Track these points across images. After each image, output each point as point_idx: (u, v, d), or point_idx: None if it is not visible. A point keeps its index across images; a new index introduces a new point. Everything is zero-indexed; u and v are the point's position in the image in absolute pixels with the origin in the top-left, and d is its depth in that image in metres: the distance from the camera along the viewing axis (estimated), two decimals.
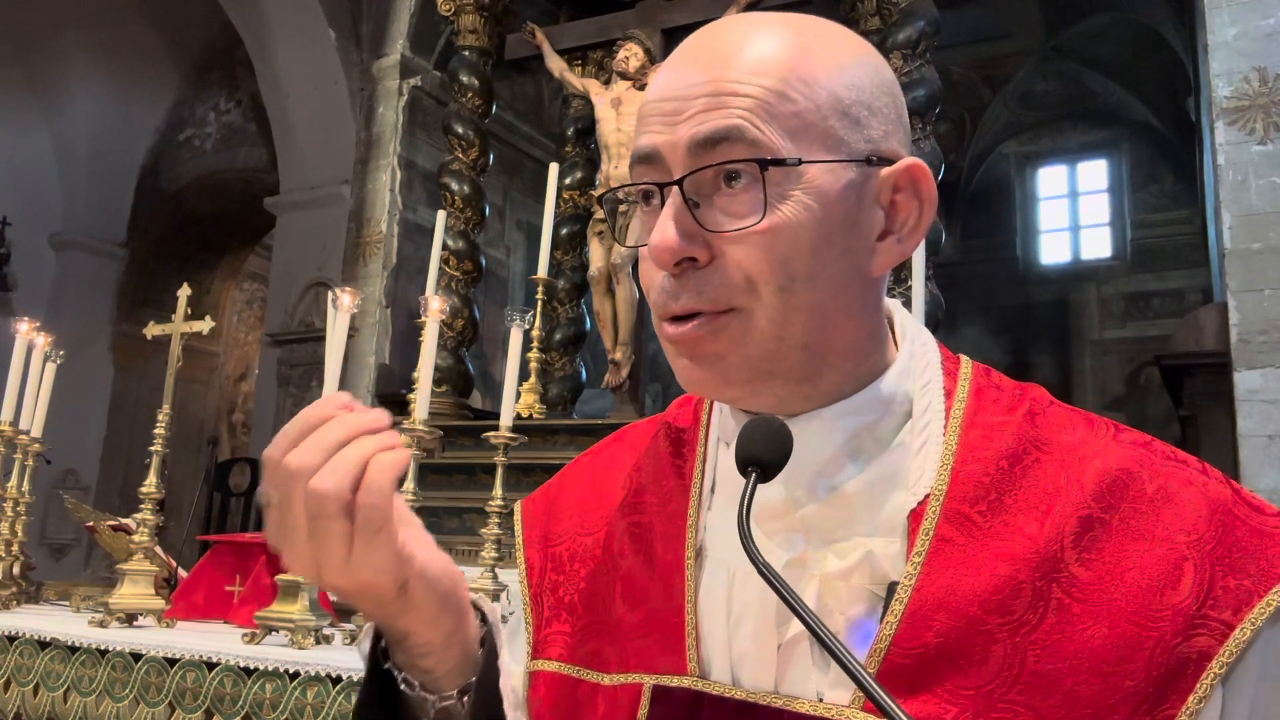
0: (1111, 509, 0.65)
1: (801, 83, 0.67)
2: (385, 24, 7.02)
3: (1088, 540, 0.64)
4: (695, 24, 4.60)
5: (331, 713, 2.09)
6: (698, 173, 0.67)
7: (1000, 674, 0.62)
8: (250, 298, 11.84)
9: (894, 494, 0.70)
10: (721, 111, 0.67)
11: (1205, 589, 0.62)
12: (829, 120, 0.68)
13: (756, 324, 0.67)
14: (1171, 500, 0.65)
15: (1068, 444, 0.69)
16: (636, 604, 0.76)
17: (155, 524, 2.80)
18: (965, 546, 0.66)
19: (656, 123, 0.70)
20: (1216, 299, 4.99)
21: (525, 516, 0.89)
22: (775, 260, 0.66)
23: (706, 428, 0.81)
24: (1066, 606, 0.63)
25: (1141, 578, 0.63)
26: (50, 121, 9.38)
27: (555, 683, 0.78)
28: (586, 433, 4.18)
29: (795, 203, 0.66)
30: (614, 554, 0.80)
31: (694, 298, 0.67)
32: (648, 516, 0.79)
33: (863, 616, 0.67)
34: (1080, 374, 10.86)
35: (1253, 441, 4.35)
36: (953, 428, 0.71)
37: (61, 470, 8.65)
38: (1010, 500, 0.67)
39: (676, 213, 0.67)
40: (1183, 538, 0.63)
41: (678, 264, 0.67)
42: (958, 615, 0.64)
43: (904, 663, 0.64)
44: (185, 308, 3.01)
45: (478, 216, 5.33)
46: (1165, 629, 0.61)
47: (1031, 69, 10.28)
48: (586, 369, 5.67)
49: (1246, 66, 4.62)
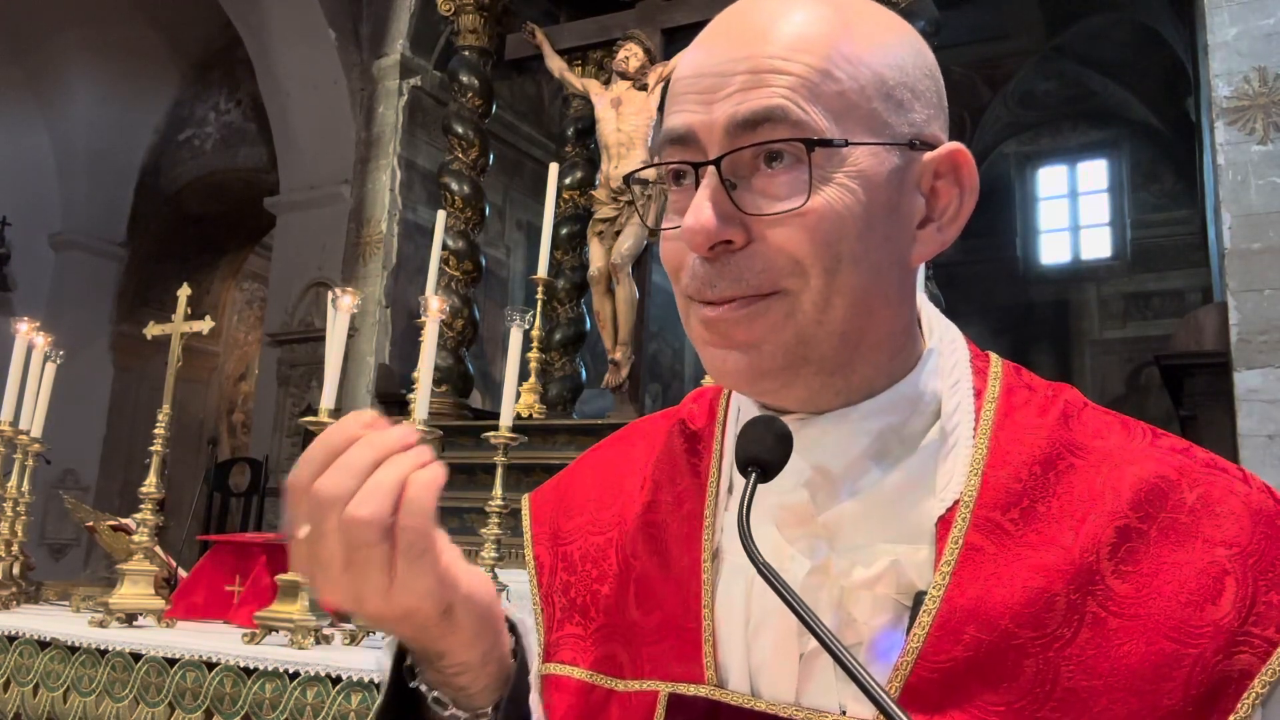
0: (1149, 519, 0.63)
1: (845, 61, 0.65)
2: (385, 24, 7.01)
3: (1125, 551, 0.62)
4: (695, 24, 4.62)
5: (331, 713, 2.09)
6: (736, 153, 0.64)
7: (1032, 691, 0.59)
8: (250, 298, 11.84)
9: (921, 499, 0.67)
10: (763, 90, 0.64)
11: (1248, 604, 0.59)
12: (873, 102, 0.65)
13: (801, 307, 0.64)
14: (1212, 510, 0.63)
15: (1103, 449, 0.67)
16: (651, 607, 0.73)
17: (155, 524, 2.80)
18: (996, 556, 0.63)
19: (691, 101, 0.66)
20: (1216, 299, 4.98)
21: (534, 512, 0.86)
22: (820, 243, 0.63)
23: (723, 425, 0.78)
24: (1102, 621, 0.60)
25: (1180, 591, 0.60)
26: (50, 121, 9.37)
27: (569, 688, 0.75)
28: (586, 433, 4.18)
29: (838, 186, 0.64)
30: (628, 554, 0.77)
31: (733, 284, 0.65)
32: (662, 515, 0.76)
33: (888, 627, 0.65)
34: (1080, 374, 10.86)
35: (1253, 441, 4.35)
36: (983, 430, 0.68)
37: (61, 470, 8.64)
38: (1043, 508, 0.65)
39: (714, 194, 0.64)
40: (1224, 550, 0.61)
41: (712, 247, 0.64)
42: (988, 628, 0.61)
43: (931, 677, 0.61)
44: (185, 308, 3.01)
45: (478, 216, 5.33)
46: (1205, 646, 0.58)
47: (1031, 69, 10.28)
48: (586, 369, 5.67)
49: (1246, 66, 4.62)
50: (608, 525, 0.80)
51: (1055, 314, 11.08)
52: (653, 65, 4.49)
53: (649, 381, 8.49)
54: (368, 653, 2.31)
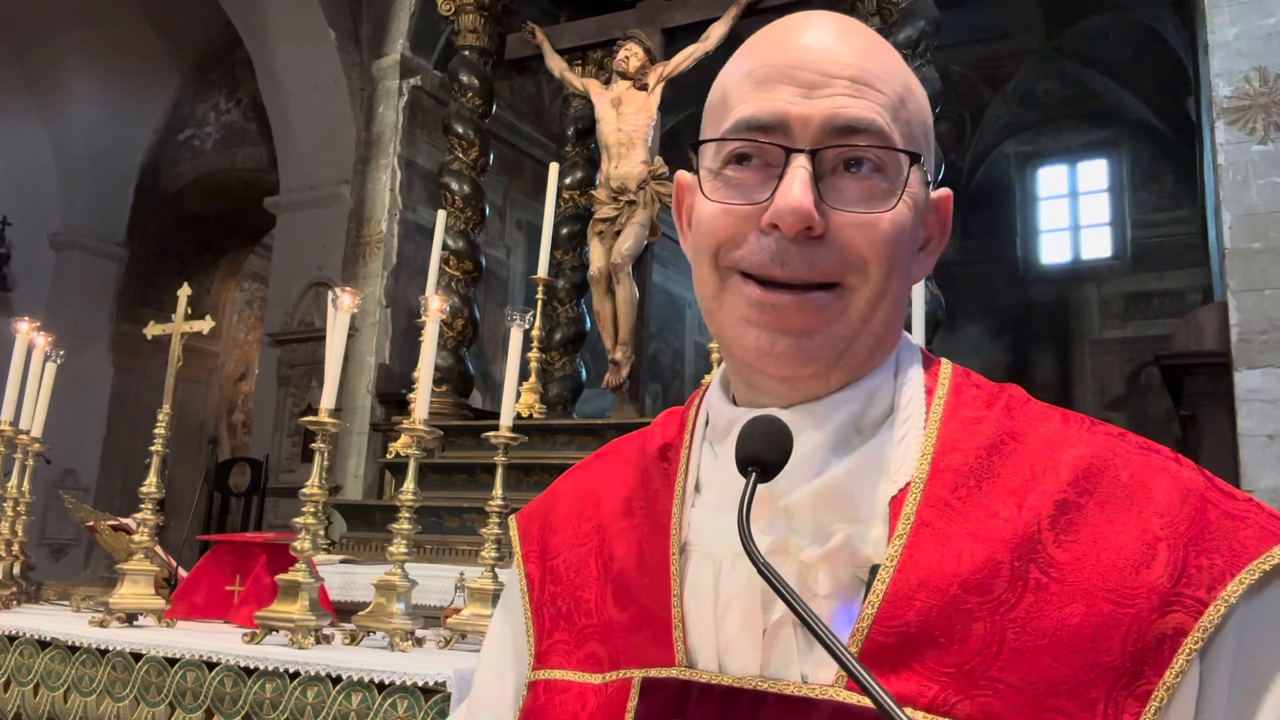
0: (1087, 493, 0.67)
1: (913, 97, 0.74)
2: (385, 24, 7.02)
3: (1064, 523, 0.66)
4: (695, 24, 4.63)
5: (331, 713, 2.10)
6: (829, 150, 0.70)
7: (981, 652, 0.63)
8: (250, 298, 11.84)
9: (875, 482, 0.72)
10: (865, 102, 0.70)
11: (1179, 569, 0.63)
12: (920, 137, 0.74)
13: (855, 304, 0.71)
14: (1145, 485, 0.67)
15: (1044, 435, 0.72)
16: (627, 603, 0.77)
17: (155, 524, 2.80)
18: (945, 530, 0.68)
19: (787, 90, 0.71)
20: (1217, 299, 4.99)
21: (522, 532, 0.90)
22: (888, 247, 0.70)
23: (691, 432, 0.82)
24: (1045, 586, 0.64)
25: (1117, 557, 0.64)
26: (50, 121, 9.38)
27: (553, 688, 0.79)
28: (586, 433, 4.18)
29: (905, 201, 0.71)
30: (605, 559, 0.81)
31: (804, 266, 0.69)
32: (636, 520, 0.81)
33: (846, 599, 0.68)
34: (1080, 374, 10.86)
35: (1253, 441, 4.35)
36: (933, 421, 0.74)
37: (61, 470, 8.65)
38: (988, 486, 0.69)
39: (807, 181, 0.69)
40: (1156, 520, 0.65)
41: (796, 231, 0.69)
42: (938, 595, 0.65)
43: (886, 641, 0.65)
44: (185, 308, 3.01)
45: (478, 216, 5.33)
46: (1141, 606, 0.62)
47: (1031, 69, 10.28)
48: (586, 369, 5.67)
49: (1246, 66, 4.62)
50: (588, 536, 0.84)
51: (1055, 314, 11.08)
52: (653, 65, 4.49)
53: (649, 381, 8.49)
54: (368, 653, 2.31)
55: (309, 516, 2.47)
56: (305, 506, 2.48)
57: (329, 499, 3.08)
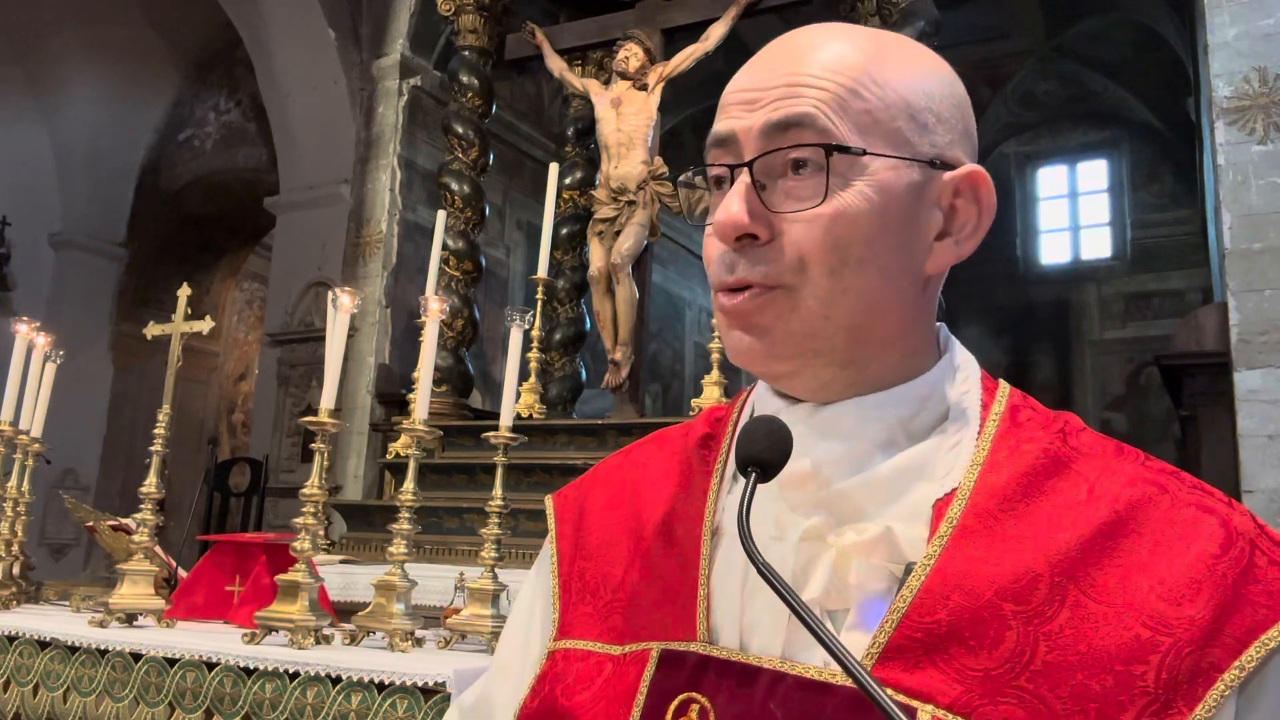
0: (1135, 525, 0.67)
1: (874, 83, 0.72)
2: (385, 24, 7.01)
3: (1110, 549, 0.66)
4: (695, 24, 4.62)
5: (331, 713, 2.09)
6: (768, 156, 0.72)
7: (1010, 660, 0.63)
8: (250, 298, 11.84)
9: (920, 484, 0.72)
10: (796, 100, 0.71)
11: (1222, 608, 0.63)
12: (897, 121, 0.72)
13: (803, 302, 0.71)
14: (1195, 524, 0.67)
15: (1097, 464, 0.71)
16: (653, 579, 0.79)
17: (155, 524, 2.80)
18: (987, 537, 0.68)
19: (735, 110, 0.74)
20: (1216, 299, 4.99)
21: (558, 511, 0.91)
22: (830, 242, 0.70)
23: (734, 425, 0.84)
24: (1083, 604, 0.64)
25: (1160, 587, 0.64)
26: (49, 121, 9.37)
27: (571, 656, 0.80)
28: (586, 433, 4.18)
29: (857, 192, 0.70)
30: (637, 537, 0.82)
31: (748, 270, 0.72)
32: (672, 502, 0.82)
33: (879, 592, 0.69)
34: (1080, 374, 10.87)
35: (1253, 441, 4.35)
36: (986, 435, 0.74)
37: (61, 470, 8.65)
38: (1036, 504, 0.69)
39: (745, 191, 0.72)
40: (1203, 559, 0.65)
41: (739, 239, 0.72)
42: (973, 597, 0.65)
43: (914, 635, 0.65)
44: (185, 308, 3.01)
45: (478, 216, 5.33)
46: (1180, 636, 0.62)
47: (1031, 69, 10.28)
48: (586, 369, 5.67)
49: (1246, 66, 4.62)
50: (623, 515, 0.86)
51: (1055, 314, 11.09)
52: (653, 65, 4.49)
53: (649, 381, 8.49)
54: (368, 653, 2.31)
55: (309, 517, 2.47)
56: (305, 507, 2.48)
57: (329, 499, 3.08)
